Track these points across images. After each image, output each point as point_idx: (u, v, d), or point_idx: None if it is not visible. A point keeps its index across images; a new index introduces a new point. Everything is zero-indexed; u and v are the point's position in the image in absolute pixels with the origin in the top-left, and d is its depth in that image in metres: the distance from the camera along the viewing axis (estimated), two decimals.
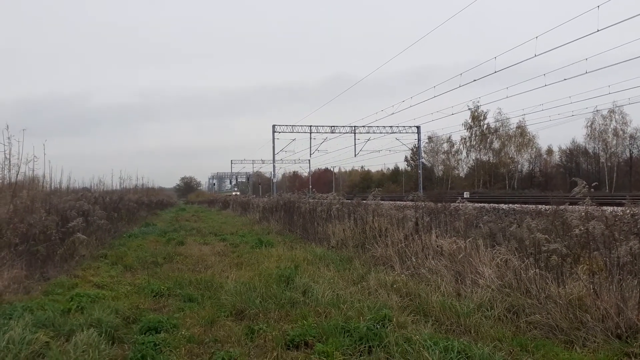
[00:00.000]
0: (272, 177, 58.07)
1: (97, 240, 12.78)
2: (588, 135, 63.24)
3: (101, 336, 5.07)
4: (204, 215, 34.81)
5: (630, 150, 61.77)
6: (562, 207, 7.85)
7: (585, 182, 6.06)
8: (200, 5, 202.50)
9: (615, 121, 60.32)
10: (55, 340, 4.99)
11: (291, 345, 5.03)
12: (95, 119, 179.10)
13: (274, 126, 49.73)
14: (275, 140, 50.17)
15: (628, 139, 61.02)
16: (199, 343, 5.20)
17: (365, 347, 4.85)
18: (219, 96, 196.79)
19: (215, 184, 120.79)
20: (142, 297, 7.34)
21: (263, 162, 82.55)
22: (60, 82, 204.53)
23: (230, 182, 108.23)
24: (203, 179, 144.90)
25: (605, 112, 58.82)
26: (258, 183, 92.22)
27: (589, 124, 61.56)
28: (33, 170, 11.60)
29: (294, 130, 50.38)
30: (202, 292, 7.57)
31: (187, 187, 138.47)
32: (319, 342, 5.01)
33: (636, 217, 5.63)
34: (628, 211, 5.80)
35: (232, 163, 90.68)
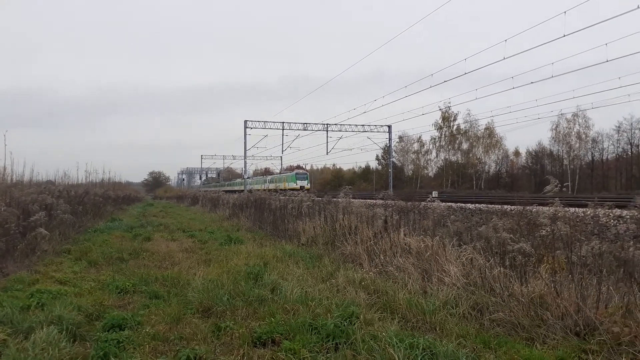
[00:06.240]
0: (243, 173, 57.65)
1: (60, 235, 12.43)
2: (553, 138, 65.03)
3: (62, 333, 4.94)
4: (172, 211, 34.32)
5: (592, 153, 63.89)
6: (529, 207, 8.03)
7: (558, 181, 6.20)
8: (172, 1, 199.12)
9: (579, 125, 62.18)
10: (13, 338, 4.84)
11: (258, 343, 5.01)
12: (61, 112, 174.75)
13: (245, 122, 49.22)
14: (247, 136, 49.68)
15: (590, 142, 63.05)
16: (163, 340, 5.11)
17: (332, 344, 4.86)
18: (190, 92, 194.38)
19: (185, 179, 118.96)
20: (107, 293, 7.19)
21: (234, 157, 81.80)
22: (24, 76, 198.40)
23: (200, 178, 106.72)
24: (172, 174, 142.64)
25: (569, 116, 60.61)
26: (229, 179, 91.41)
27: (554, 127, 63.32)
28: None
29: (266, 127, 49.98)
30: (169, 289, 7.46)
31: (156, 182, 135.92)
32: (287, 339, 5.00)
33: (596, 218, 5.82)
34: (589, 212, 5.99)
35: (202, 158, 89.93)
